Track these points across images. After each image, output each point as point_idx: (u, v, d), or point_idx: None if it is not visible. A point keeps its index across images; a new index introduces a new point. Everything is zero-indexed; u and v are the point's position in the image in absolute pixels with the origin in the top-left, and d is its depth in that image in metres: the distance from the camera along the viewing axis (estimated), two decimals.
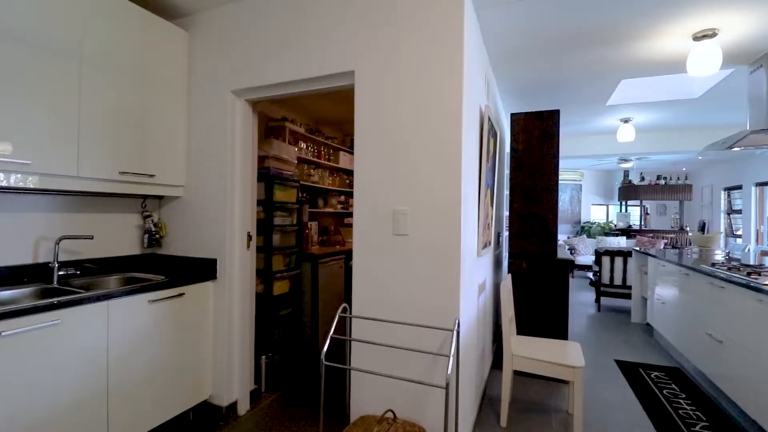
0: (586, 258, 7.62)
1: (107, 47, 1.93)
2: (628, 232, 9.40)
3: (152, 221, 2.40)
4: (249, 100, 2.33)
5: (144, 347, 1.87)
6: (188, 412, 2.16)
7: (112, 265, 2.25)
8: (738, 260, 3.29)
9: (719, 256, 3.75)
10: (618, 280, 5.01)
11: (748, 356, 2.20)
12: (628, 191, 9.46)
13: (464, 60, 1.70)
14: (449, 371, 1.40)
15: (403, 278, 1.78)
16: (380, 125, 1.84)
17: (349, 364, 1.85)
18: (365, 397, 1.86)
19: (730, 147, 2.61)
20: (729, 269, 2.61)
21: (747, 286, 2.19)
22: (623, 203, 10.10)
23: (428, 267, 1.74)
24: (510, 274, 2.71)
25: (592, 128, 4.86)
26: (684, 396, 2.70)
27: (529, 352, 2.26)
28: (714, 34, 2.29)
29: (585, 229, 9.74)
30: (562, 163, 9.05)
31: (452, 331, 1.58)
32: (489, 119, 2.31)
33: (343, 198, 4.54)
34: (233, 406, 2.28)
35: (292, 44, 2.06)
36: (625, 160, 7.45)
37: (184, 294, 2.08)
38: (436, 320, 1.72)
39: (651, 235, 8.58)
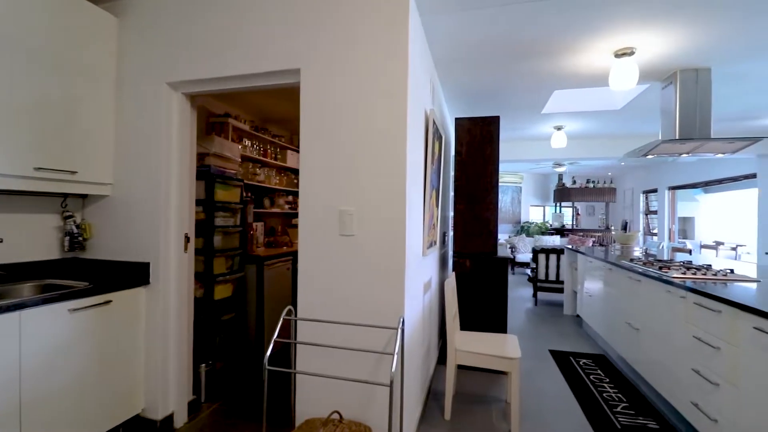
0: (525, 256, 8.11)
1: (22, 30, 1.73)
2: (562, 231, 10.14)
3: (74, 222, 2.19)
4: (187, 94, 2.20)
5: (65, 360, 1.70)
6: (118, 428, 2.00)
7: (25, 271, 2.02)
8: (654, 256, 3.67)
9: (637, 252, 4.16)
10: (552, 276, 5.39)
11: (659, 341, 2.47)
12: (562, 193, 10.22)
13: (409, 63, 1.74)
14: (393, 369, 1.42)
15: (349, 279, 1.79)
16: (326, 125, 1.83)
17: (294, 368, 1.82)
18: (311, 400, 1.83)
19: (645, 154, 2.92)
20: (644, 264, 2.91)
21: (659, 279, 2.45)
22: (558, 204, 10.90)
23: (374, 267, 1.75)
24: (454, 273, 2.81)
25: (530, 134, 5.19)
26: (608, 380, 2.97)
27: (472, 346, 2.36)
28: (632, 53, 2.55)
29: (524, 229, 10.35)
30: (503, 166, 9.56)
31: (397, 329, 1.61)
32: (434, 122, 2.39)
33: (290, 198, 4.44)
34: (169, 419, 2.15)
35: (235, 38, 1.98)
36: (559, 165, 8.03)
37: (111, 301, 1.92)
38: (382, 319, 1.74)
39: (581, 233, 9.32)
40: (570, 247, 4.98)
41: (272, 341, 1.59)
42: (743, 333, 1.70)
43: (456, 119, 3.20)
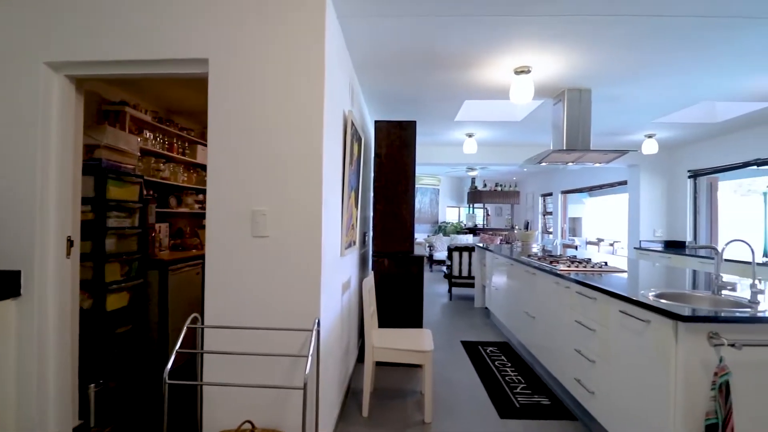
0: (442, 254, 8.58)
1: None
2: (474, 230, 10.94)
3: None
4: (71, 77, 1.92)
5: None
6: None
7: None
8: (549, 252, 4.15)
9: (535, 248, 4.67)
10: (465, 272, 5.79)
11: (550, 327, 2.80)
12: (475, 196, 11.03)
13: (326, 63, 1.74)
14: (307, 371, 1.41)
15: (262, 282, 1.72)
16: (238, 120, 1.74)
17: (201, 379, 1.70)
18: (220, 412, 1.73)
19: (540, 162, 3.29)
20: (539, 259, 3.28)
21: (550, 272, 2.78)
22: (471, 206, 11.73)
23: (289, 269, 1.72)
24: (373, 272, 2.87)
25: (445, 140, 5.51)
26: (510, 365, 3.28)
27: (389, 342, 2.43)
28: (529, 71, 2.85)
29: (441, 229, 10.95)
30: (422, 169, 10.01)
31: (311, 331, 1.59)
32: (353, 124, 2.41)
33: (201, 197, 4.13)
34: None
35: (131, 17, 1.78)
36: (472, 169, 8.66)
37: None
38: (298, 322, 1.71)
39: (491, 232, 10.15)
40: (480, 245, 5.40)
41: (173, 352, 1.46)
42: (612, 316, 2.00)
43: (375, 122, 3.27)
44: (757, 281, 1.80)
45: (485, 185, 11.18)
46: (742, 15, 2.04)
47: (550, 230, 9.84)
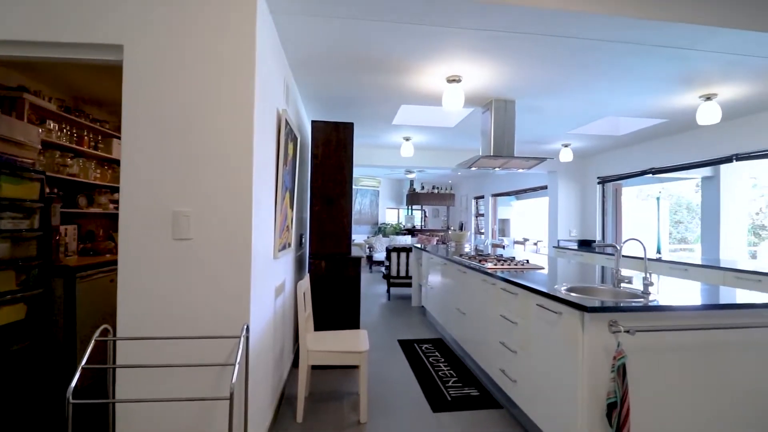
0: (381, 255, 8.68)
1: None
2: (413, 231, 11.23)
3: None
4: None
5: None
6: None
7: None
8: (481, 251, 4.39)
9: (467, 248, 4.92)
10: (403, 272, 5.92)
11: (478, 322, 2.97)
12: (413, 197, 11.33)
13: (256, 58, 1.68)
14: (233, 380, 1.35)
15: (185, 288, 1.61)
16: (157, 113, 1.62)
17: (113, 397, 1.54)
18: (137, 431, 1.59)
19: (470, 166, 3.48)
20: (469, 258, 3.46)
21: (478, 270, 2.94)
22: (410, 207, 12.03)
23: (216, 273, 1.63)
24: (309, 274, 2.83)
25: (384, 142, 5.60)
26: (444, 360, 3.41)
27: (324, 345, 2.41)
28: (460, 80, 3.00)
29: (381, 230, 11.09)
30: (363, 171, 10.07)
31: (239, 338, 1.53)
32: (287, 123, 2.36)
33: (117, 196, 3.75)
34: None
35: None
36: (410, 172, 8.90)
37: None
38: (225, 329, 1.63)
39: (428, 233, 10.49)
40: (418, 246, 5.56)
41: (79, 369, 1.31)
42: (531, 309, 2.18)
43: (312, 122, 3.23)
44: (648, 275, 2.07)
45: (423, 188, 11.54)
46: (639, 42, 2.34)
47: (482, 231, 10.42)
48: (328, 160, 3.21)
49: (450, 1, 1.93)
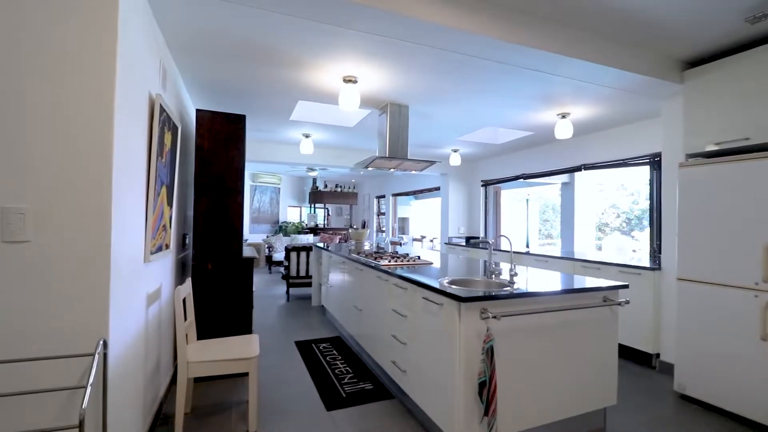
0: (281, 255, 8.38)
1: None
2: (315, 230, 11.08)
3: None
4: None
5: None
6: None
7: None
8: (383, 249, 4.51)
9: (367, 246, 5.02)
10: (303, 272, 5.80)
11: (373, 317, 3.05)
12: (316, 196, 11.17)
13: (118, 34, 1.47)
14: (84, 405, 1.16)
15: (21, 300, 1.33)
16: None
17: None
18: None
19: (366, 166, 3.56)
20: (366, 256, 3.54)
21: (374, 267, 3.03)
22: (312, 206, 11.84)
23: (63, 281, 1.38)
24: (190, 278, 2.58)
25: (282, 138, 5.40)
26: (341, 358, 3.44)
27: (208, 354, 2.22)
28: (356, 81, 3.05)
29: (282, 229, 10.71)
30: (262, 167, 9.58)
31: (93, 356, 1.32)
32: (163, 109, 2.12)
33: None
34: None
35: None
36: (312, 169, 8.75)
37: None
38: (78, 345, 1.39)
39: (331, 232, 10.47)
40: (320, 244, 5.49)
41: None
42: (418, 302, 2.32)
43: (198, 110, 2.95)
44: (514, 266, 2.37)
45: (326, 186, 11.46)
46: (510, 63, 2.64)
47: (384, 229, 10.77)
48: (216, 153, 2.97)
49: (338, 2, 1.94)
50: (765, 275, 2.30)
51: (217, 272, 2.95)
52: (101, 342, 1.36)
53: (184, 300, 2.41)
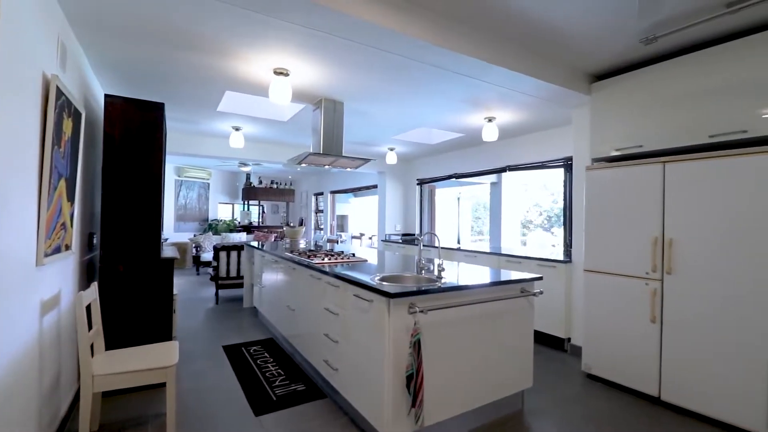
0: (210, 254, 7.89)
1: None
2: (249, 228, 10.59)
3: None
4: None
5: None
6: None
7: None
8: (320, 246, 4.43)
9: (303, 244, 4.91)
10: (234, 273, 5.52)
11: (306, 317, 2.99)
12: (250, 192, 10.68)
13: None
14: None
15: None
16: None
17: None
18: None
19: (299, 163, 3.47)
20: (299, 254, 3.46)
21: (307, 266, 2.97)
22: (246, 202, 11.30)
23: None
24: (96, 282, 2.32)
25: (210, 130, 5.08)
26: (272, 360, 3.32)
27: (118, 366, 2.02)
28: (287, 74, 2.95)
29: (212, 227, 10.08)
30: (188, 160, 8.92)
31: None
32: (61, 92, 1.87)
33: None
34: None
35: None
36: (244, 164, 8.34)
37: None
38: None
39: (266, 230, 10.08)
40: (253, 243, 5.25)
41: None
42: (349, 300, 2.31)
43: (106, 96, 2.65)
44: (441, 262, 2.47)
45: (261, 182, 11.00)
46: (442, 67, 2.73)
47: (322, 227, 10.62)
48: (129, 143, 2.70)
49: None
50: (653, 265, 2.64)
51: (130, 275, 2.69)
52: None
53: (89, 307, 2.17)
